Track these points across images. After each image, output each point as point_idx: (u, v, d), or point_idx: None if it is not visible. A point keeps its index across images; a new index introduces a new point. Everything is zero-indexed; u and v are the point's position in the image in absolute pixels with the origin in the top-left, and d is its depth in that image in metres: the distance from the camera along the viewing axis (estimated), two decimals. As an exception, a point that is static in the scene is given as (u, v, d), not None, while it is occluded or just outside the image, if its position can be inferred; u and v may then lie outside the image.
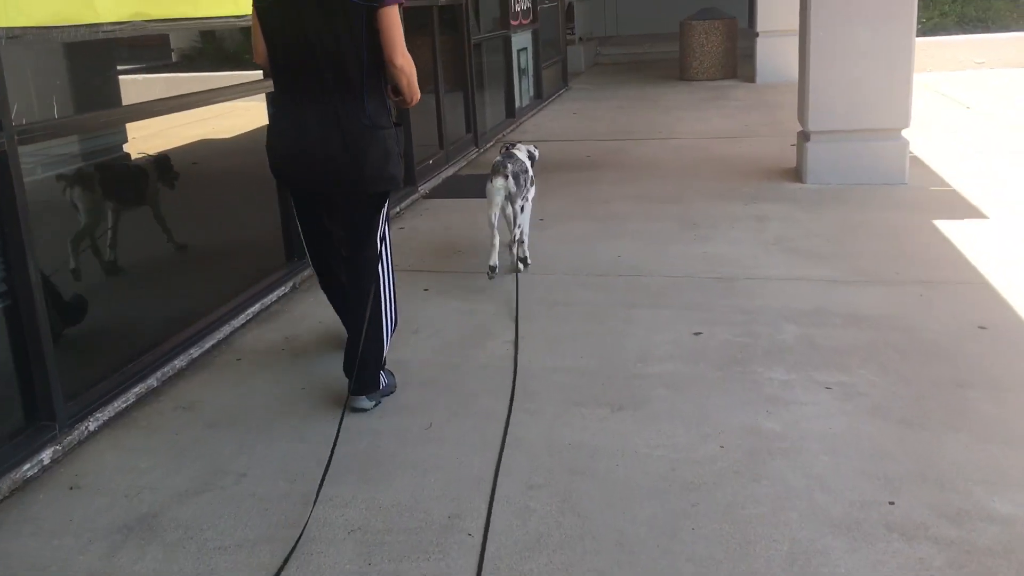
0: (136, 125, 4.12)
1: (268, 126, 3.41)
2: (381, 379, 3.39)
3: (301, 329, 4.19)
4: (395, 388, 3.48)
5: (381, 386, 3.39)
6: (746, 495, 2.70)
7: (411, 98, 3.24)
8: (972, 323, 3.88)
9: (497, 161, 4.79)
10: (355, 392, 3.30)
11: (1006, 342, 3.70)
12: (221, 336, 4.04)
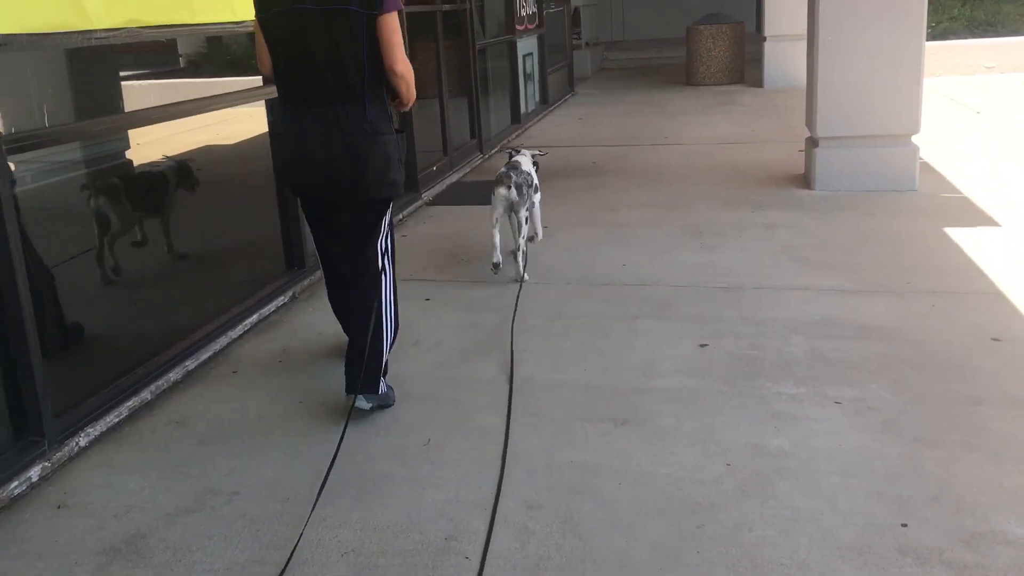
0: (135, 132, 4.06)
1: (276, 134, 3.39)
2: (381, 384, 3.32)
3: (299, 341, 4.11)
4: (393, 401, 3.41)
5: (380, 391, 3.32)
6: (753, 517, 2.61)
7: (408, 101, 3.28)
8: (985, 335, 3.78)
9: (501, 172, 4.83)
10: (352, 391, 3.24)
11: (1021, 355, 3.59)
12: (218, 347, 3.97)
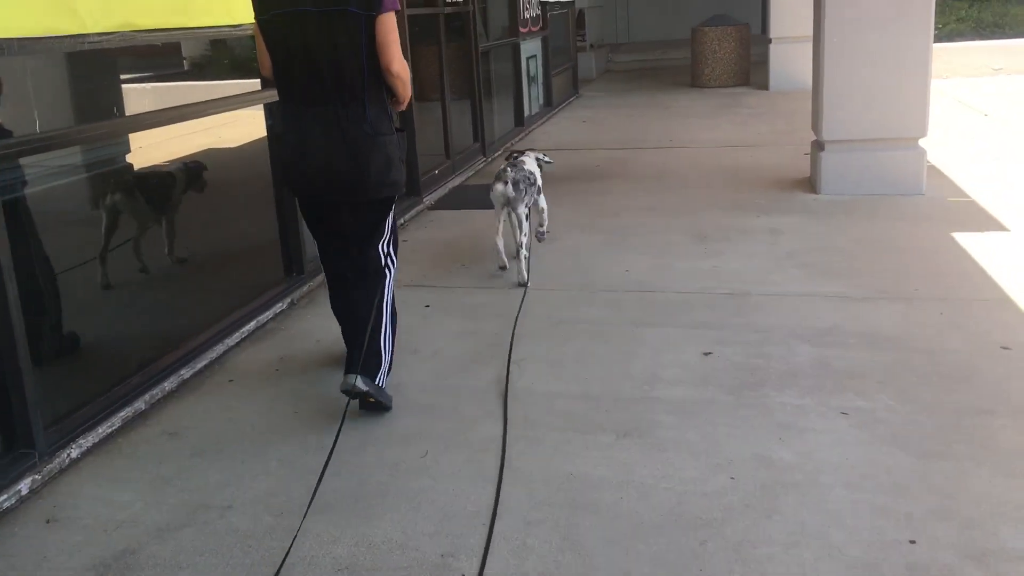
0: (133, 136, 4.01)
1: (276, 136, 3.39)
2: (381, 375, 3.30)
3: (297, 349, 4.05)
4: (390, 406, 3.35)
5: (379, 382, 3.28)
6: (758, 532, 2.54)
7: (404, 100, 3.30)
8: (995, 343, 3.71)
9: (499, 169, 4.85)
10: (352, 371, 3.18)
11: (1031, 364, 3.53)
12: (214, 356, 3.91)
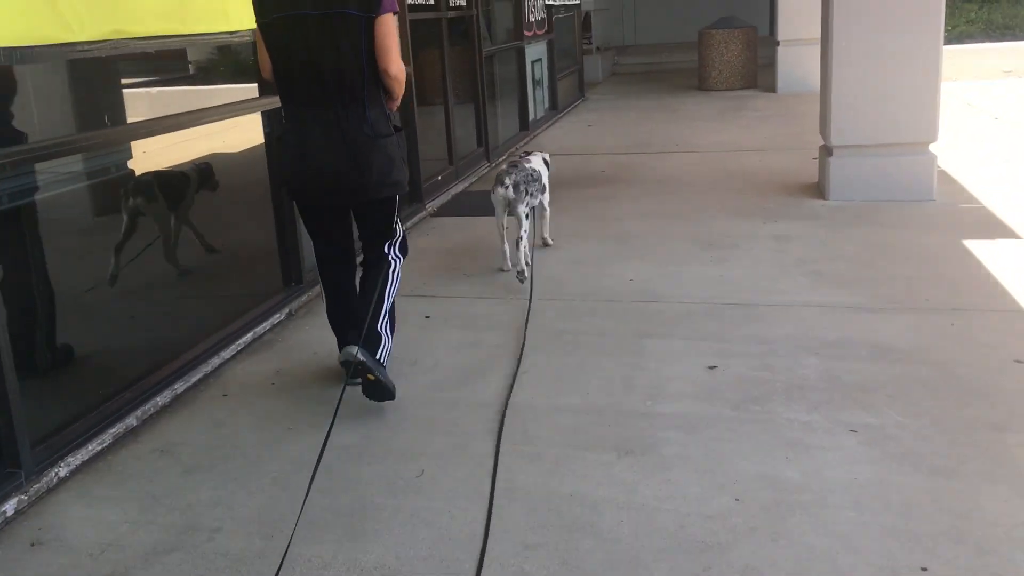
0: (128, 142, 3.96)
1: (276, 140, 3.40)
2: (380, 350, 3.35)
3: (294, 361, 3.97)
4: (395, 392, 3.33)
5: (380, 359, 3.32)
6: (763, 557, 2.45)
7: (398, 98, 3.35)
8: (1008, 356, 3.61)
9: (500, 170, 4.92)
10: (352, 341, 3.22)
11: (1046, 378, 3.43)
12: (209, 369, 3.83)
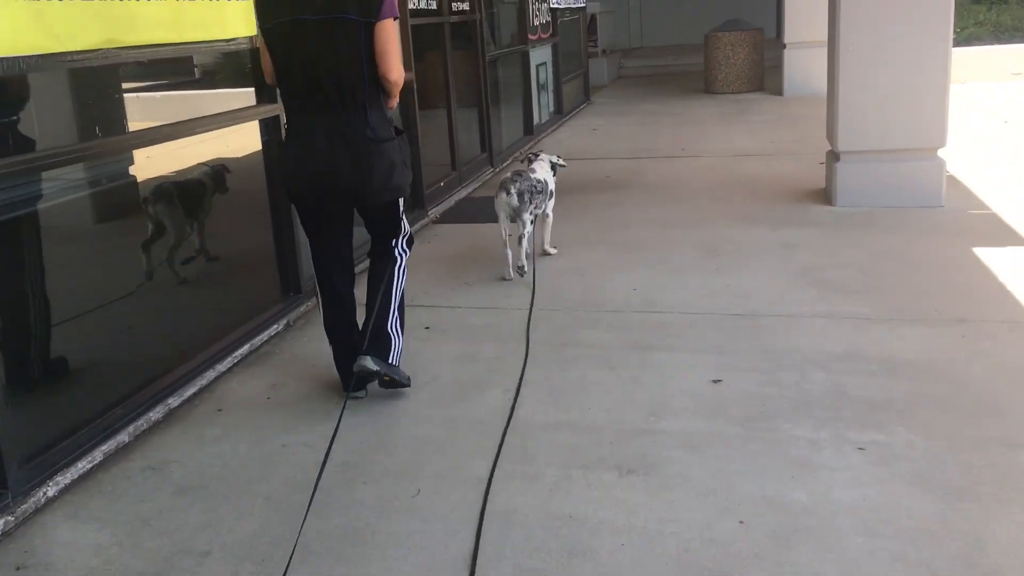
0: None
1: (276, 145, 3.52)
2: (392, 352, 3.45)
3: (290, 374, 3.90)
4: (409, 383, 3.54)
5: (392, 359, 3.44)
6: (768, 584, 2.38)
7: (395, 99, 3.37)
8: (1021, 370, 3.52)
9: (505, 177, 4.92)
10: (363, 352, 3.37)
11: (1060, 393, 3.34)
12: (204, 383, 3.76)
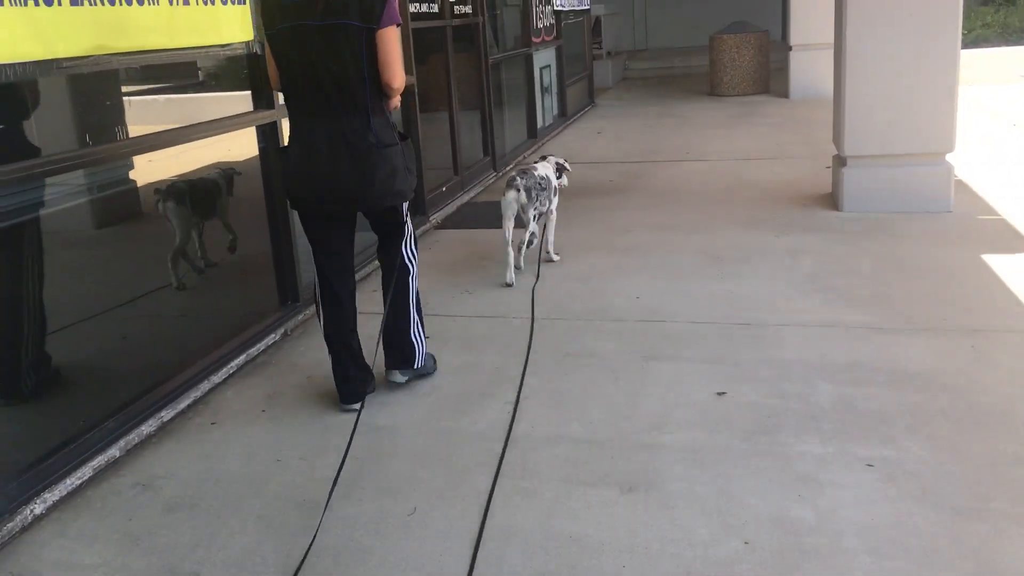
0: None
1: (281, 148, 3.51)
2: (417, 358, 3.62)
3: (287, 385, 3.83)
4: (434, 370, 3.77)
5: (417, 365, 3.63)
6: (773, 608, 2.30)
7: (395, 102, 3.38)
8: (1033, 382, 3.45)
9: (511, 175, 4.99)
10: (389, 366, 3.62)
11: (1073, 406, 3.26)
12: (198, 394, 3.70)
